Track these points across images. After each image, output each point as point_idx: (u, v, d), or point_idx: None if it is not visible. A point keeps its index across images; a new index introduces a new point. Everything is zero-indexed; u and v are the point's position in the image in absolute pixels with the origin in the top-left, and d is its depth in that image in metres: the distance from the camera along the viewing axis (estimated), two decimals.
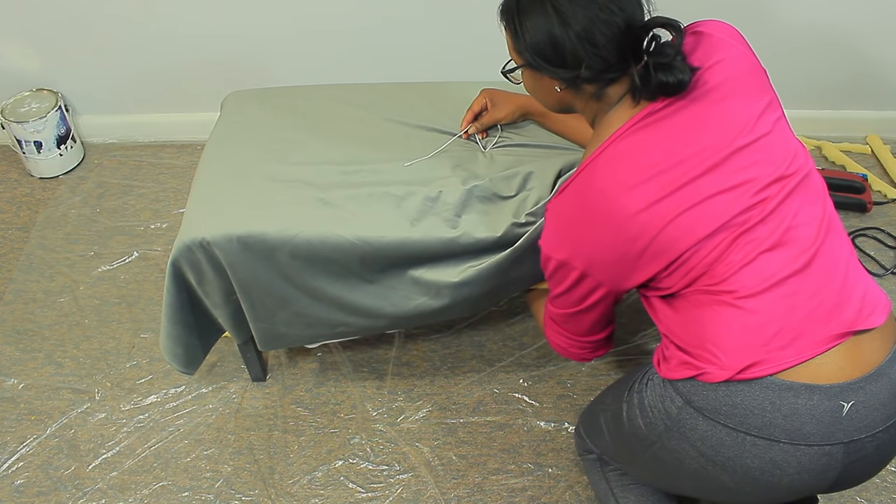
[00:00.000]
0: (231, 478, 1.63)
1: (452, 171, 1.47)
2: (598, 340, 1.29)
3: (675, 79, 1.04)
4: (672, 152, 1.06)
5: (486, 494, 1.59)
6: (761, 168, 1.06)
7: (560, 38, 1.07)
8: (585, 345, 1.29)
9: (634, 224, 1.06)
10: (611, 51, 1.06)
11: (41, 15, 2.11)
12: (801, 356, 1.03)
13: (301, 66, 2.19)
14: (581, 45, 1.06)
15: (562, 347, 1.32)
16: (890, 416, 1.04)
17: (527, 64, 1.14)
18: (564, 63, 1.09)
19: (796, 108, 2.20)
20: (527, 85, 1.22)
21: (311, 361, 1.82)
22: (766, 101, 1.10)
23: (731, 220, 1.05)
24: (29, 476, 1.64)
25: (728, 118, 1.07)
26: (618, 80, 1.11)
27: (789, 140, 1.10)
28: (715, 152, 1.05)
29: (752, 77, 1.11)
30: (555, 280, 1.19)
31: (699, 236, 1.05)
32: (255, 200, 1.43)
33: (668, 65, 1.04)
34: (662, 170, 1.05)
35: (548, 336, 1.34)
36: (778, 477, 1.05)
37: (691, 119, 1.07)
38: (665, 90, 1.06)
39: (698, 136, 1.06)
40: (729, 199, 1.05)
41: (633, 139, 1.08)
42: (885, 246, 2.02)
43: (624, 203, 1.05)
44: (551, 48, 1.08)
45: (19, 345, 1.87)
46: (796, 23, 2.05)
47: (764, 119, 1.08)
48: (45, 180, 2.29)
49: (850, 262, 1.09)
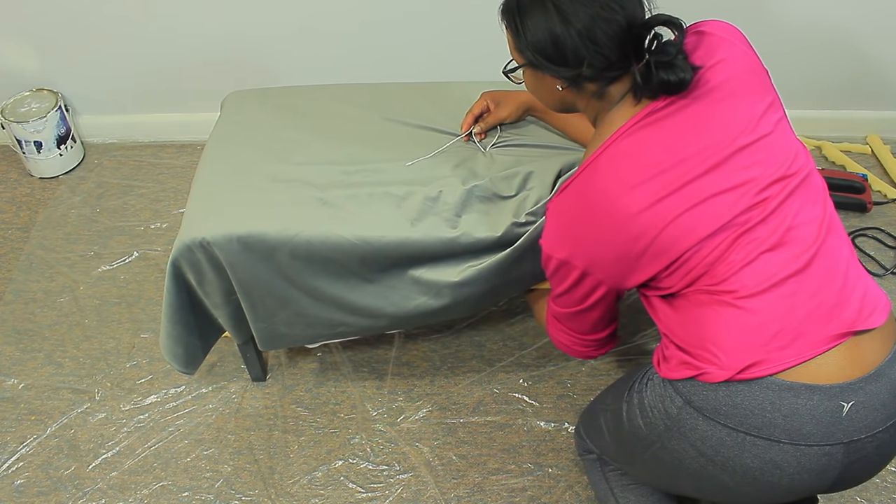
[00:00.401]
0: (231, 478, 1.63)
1: (453, 170, 1.47)
2: (602, 338, 1.29)
3: (677, 77, 1.04)
4: (673, 151, 1.06)
5: (486, 494, 1.59)
6: (762, 168, 1.06)
7: (561, 37, 1.07)
8: (590, 342, 1.29)
9: (635, 224, 1.06)
10: (612, 49, 1.06)
11: (41, 15, 2.11)
12: (802, 356, 1.03)
13: (302, 66, 2.19)
14: (582, 43, 1.06)
15: (566, 345, 1.32)
16: (890, 417, 1.04)
17: (528, 63, 1.14)
18: (566, 61, 1.09)
19: (796, 108, 2.20)
20: (528, 84, 1.22)
21: (311, 361, 1.82)
22: (768, 102, 1.10)
23: (732, 220, 1.05)
24: (29, 476, 1.64)
25: (730, 118, 1.07)
26: (619, 79, 1.10)
27: (790, 140, 1.10)
28: (716, 151, 1.05)
29: (753, 77, 1.11)
30: (556, 279, 1.19)
31: (700, 236, 1.05)
32: (255, 200, 1.43)
33: (669, 63, 1.04)
34: (664, 169, 1.05)
35: (551, 334, 1.34)
36: (778, 477, 1.05)
37: (693, 118, 1.07)
38: (667, 89, 1.06)
39: (700, 136, 1.06)
40: (730, 199, 1.05)
41: (635, 138, 1.08)
42: (885, 246, 2.02)
43: (625, 203, 1.05)
44: (552, 46, 1.08)
45: (19, 345, 1.87)
46: (796, 23, 2.05)
47: (765, 119, 1.08)
48: (45, 180, 2.29)
49: (850, 262, 1.09)
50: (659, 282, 1.11)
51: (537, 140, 1.55)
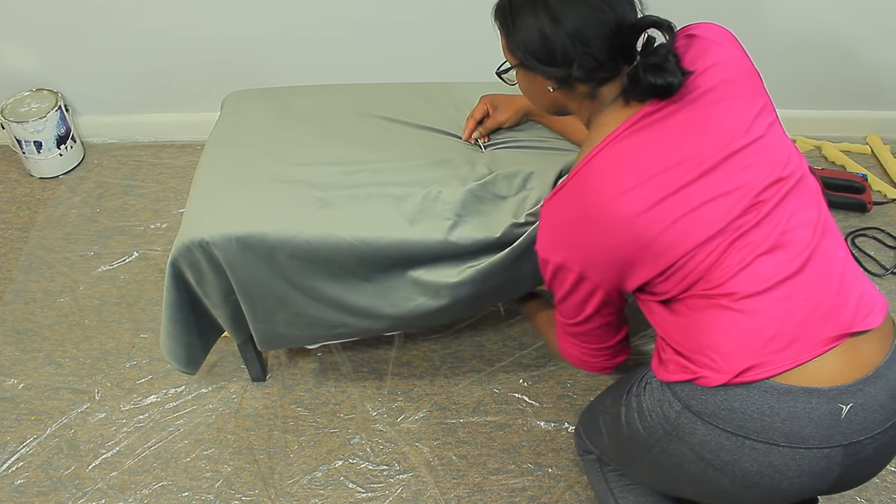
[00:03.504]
0: (231, 478, 1.63)
1: (452, 171, 1.47)
2: (612, 345, 1.27)
3: (665, 81, 1.04)
4: (668, 155, 1.06)
5: (486, 494, 1.59)
6: (756, 171, 1.06)
7: (551, 37, 1.07)
8: (601, 352, 1.28)
9: (630, 227, 1.05)
10: (601, 49, 1.06)
11: (41, 15, 2.11)
12: (799, 359, 1.03)
13: (301, 66, 2.19)
14: (572, 43, 1.06)
15: (578, 358, 1.31)
16: (888, 418, 1.04)
17: (520, 63, 1.13)
18: (555, 61, 1.08)
19: (796, 108, 2.20)
20: (521, 86, 1.22)
21: (311, 361, 1.82)
22: (761, 105, 1.10)
23: (728, 226, 1.05)
24: (29, 476, 1.64)
25: (723, 122, 1.07)
26: (611, 80, 1.10)
27: (783, 143, 1.10)
28: (710, 155, 1.05)
29: (746, 81, 1.11)
30: (555, 284, 1.19)
31: (695, 242, 1.05)
32: (254, 201, 1.43)
33: (659, 66, 1.04)
34: (658, 172, 1.05)
35: (563, 349, 1.33)
36: (777, 480, 1.05)
37: (686, 122, 1.07)
38: (655, 92, 1.06)
39: (694, 140, 1.06)
40: (725, 205, 1.05)
41: (628, 142, 1.08)
42: (885, 246, 2.02)
43: (619, 206, 1.05)
44: (542, 47, 1.08)
45: (19, 345, 1.87)
46: (796, 22, 2.05)
47: (758, 123, 1.08)
48: (45, 180, 2.29)
49: (846, 264, 1.09)
50: (654, 286, 1.11)
51: (537, 140, 1.55)
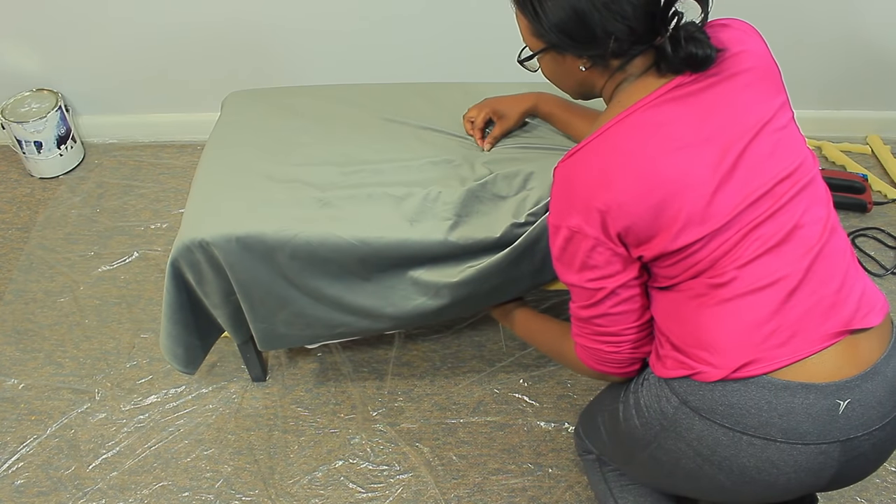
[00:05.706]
0: (231, 478, 1.63)
1: (452, 171, 1.47)
2: (635, 331, 1.16)
3: (704, 52, 1.03)
4: (698, 129, 1.04)
5: (486, 494, 1.59)
6: (776, 162, 1.06)
7: (587, 11, 1.02)
8: (622, 342, 1.16)
9: (658, 169, 1.02)
10: (640, 20, 1.03)
11: (41, 15, 2.11)
12: (798, 354, 1.03)
13: (301, 66, 2.19)
14: (610, 15, 1.02)
15: (596, 357, 1.19)
16: (886, 414, 1.04)
17: (550, 46, 1.10)
18: (593, 37, 1.04)
19: (796, 108, 2.16)
20: (546, 71, 1.17)
21: (311, 361, 1.82)
22: (781, 101, 1.10)
23: (742, 213, 1.03)
24: (29, 476, 1.64)
25: (751, 106, 1.06)
26: (642, 54, 1.08)
27: (800, 141, 1.11)
28: (738, 137, 1.04)
29: (770, 74, 1.11)
30: (567, 256, 1.11)
31: (713, 227, 1.03)
32: (254, 201, 1.43)
33: (696, 38, 1.03)
34: (685, 145, 1.03)
35: (580, 356, 1.23)
36: (775, 476, 1.05)
37: (719, 99, 1.06)
38: (692, 63, 1.04)
39: (724, 117, 1.05)
40: (745, 189, 1.04)
41: (660, 110, 1.05)
42: (885, 246, 2.02)
43: (647, 158, 1.02)
44: (577, 23, 1.04)
45: (19, 345, 1.87)
46: (796, 22, 2.05)
47: (780, 115, 1.09)
48: (45, 180, 2.29)
49: (850, 263, 1.10)
50: (662, 268, 1.09)
51: (537, 140, 1.55)
